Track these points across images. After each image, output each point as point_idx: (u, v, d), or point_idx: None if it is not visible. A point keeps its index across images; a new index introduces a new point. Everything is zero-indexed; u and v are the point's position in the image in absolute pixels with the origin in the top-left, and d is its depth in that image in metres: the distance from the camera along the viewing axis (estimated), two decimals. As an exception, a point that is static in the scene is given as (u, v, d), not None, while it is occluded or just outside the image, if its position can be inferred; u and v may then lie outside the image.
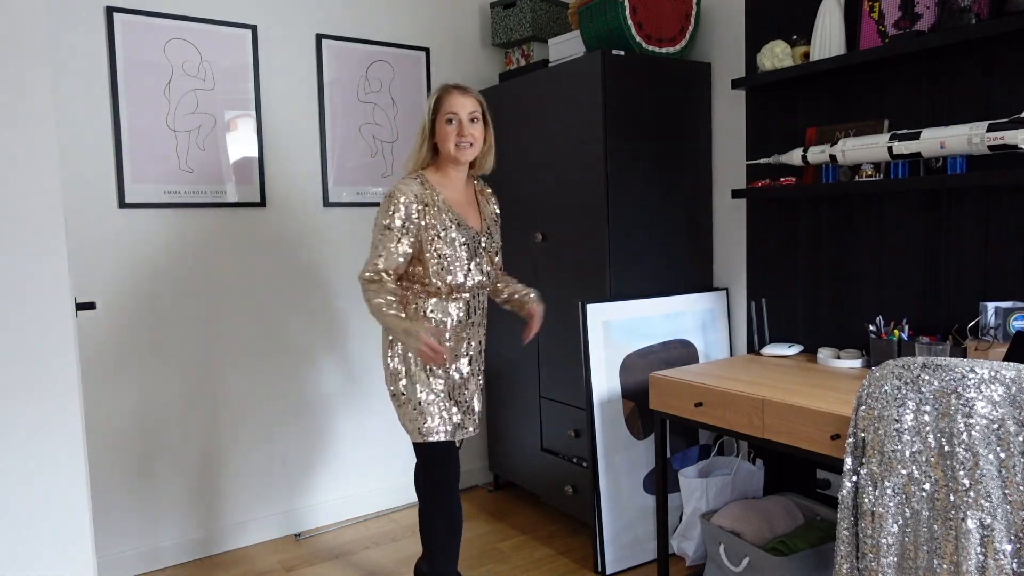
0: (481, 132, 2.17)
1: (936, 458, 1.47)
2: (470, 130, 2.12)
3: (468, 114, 2.12)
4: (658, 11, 2.61)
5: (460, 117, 2.12)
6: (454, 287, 2.12)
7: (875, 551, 1.54)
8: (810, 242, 2.47)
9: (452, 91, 2.15)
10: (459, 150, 2.12)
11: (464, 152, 2.13)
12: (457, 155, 2.13)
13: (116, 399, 2.62)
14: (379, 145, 3.13)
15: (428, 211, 2.10)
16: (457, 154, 2.12)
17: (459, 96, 2.14)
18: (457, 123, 2.12)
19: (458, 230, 2.13)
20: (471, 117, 2.13)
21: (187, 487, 2.77)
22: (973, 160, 1.98)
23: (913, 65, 2.16)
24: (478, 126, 2.15)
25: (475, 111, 2.14)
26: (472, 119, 2.13)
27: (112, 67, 2.54)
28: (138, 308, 2.65)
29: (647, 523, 2.61)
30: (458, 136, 2.12)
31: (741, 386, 2.07)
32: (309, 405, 3.01)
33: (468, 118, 2.12)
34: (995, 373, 1.41)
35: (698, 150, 2.78)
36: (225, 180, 2.78)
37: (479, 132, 2.15)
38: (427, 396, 2.13)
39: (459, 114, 2.12)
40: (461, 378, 2.19)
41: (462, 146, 2.12)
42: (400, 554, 2.79)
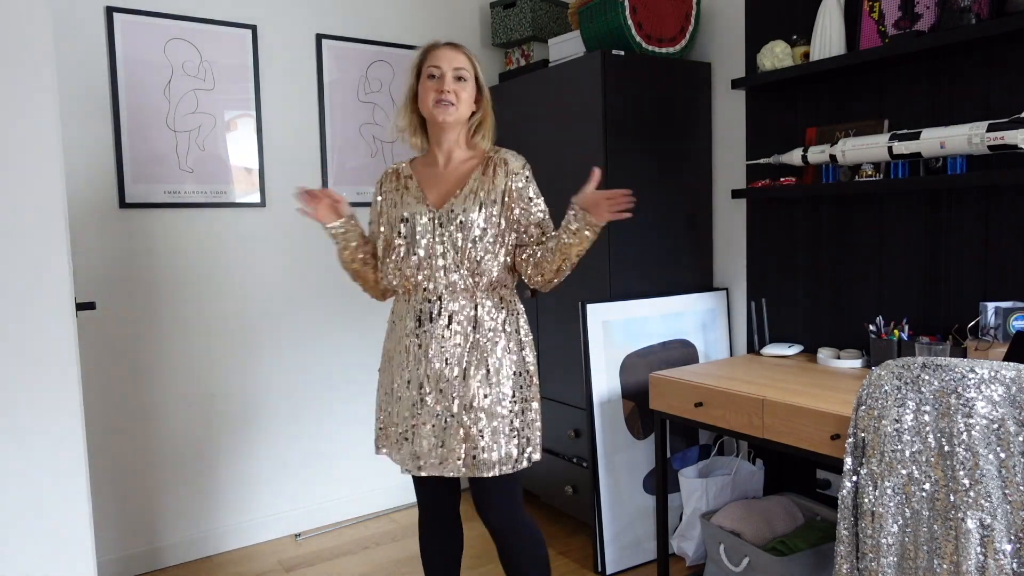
0: (470, 93, 1.83)
1: (936, 458, 1.47)
2: (453, 87, 1.79)
3: (454, 69, 1.80)
4: (658, 11, 2.61)
5: (443, 71, 1.79)
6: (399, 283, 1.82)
7: (875, 551, 1.54)
8: (810, 242, 2.47)
9: (439, 45, 1.84)
10: (438, 107, 1.78)
11: (445, 110, 1.78)
12: (435, 113, 1.79)
13: (116, 399, 2.62)
14: (379, 145, 3.13)
15: (386, 193, 1.88)
16: (435, 111, 1.79)
17: (446, 50, 1.83)
18: (439, 78, 1.80)
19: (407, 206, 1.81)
20: (457, 74, 1.80)
21: (187, 487, 2.77)
22: (973, 160, 1.98)
23: (913, 65, 2.16)
24: (466, 86, 1.82)
25: (463, 67, 1.81)
26: (458, 76, 1.81)
27: (112, 67, 2.54)
28: (138, 308, 2.65)
29: (647, 523, 2.61)
30: (438, 92, 1.78)
31: (741, 386, 2.07)
32: (309, 405, 3.01)
33: (453, 74, 1.80)
34: (995, 373, 1.41)
35: (698, 150, 2.78)
36: (225, 180, 2.78)
37: (467, 93, 1.82)
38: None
39: (442, 67, 1.80)
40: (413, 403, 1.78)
41: (443, 103, 1.78)
42: (400, 554, 2.79)
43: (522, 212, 1.80)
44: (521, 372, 1.81)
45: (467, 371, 1.75)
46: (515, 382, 1.79)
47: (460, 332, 1.76)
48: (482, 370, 1.75)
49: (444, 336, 1.76)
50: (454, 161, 1.86)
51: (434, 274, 1.76)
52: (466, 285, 1.76)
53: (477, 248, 1.75)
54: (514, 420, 1.77)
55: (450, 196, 1.80)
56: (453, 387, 1.75)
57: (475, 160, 1.86)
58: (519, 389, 1.79)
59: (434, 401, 1.75)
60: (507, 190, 1.80)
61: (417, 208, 1.79)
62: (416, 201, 1.81)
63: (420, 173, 1.89)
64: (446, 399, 1.75)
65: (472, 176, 1.82)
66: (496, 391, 1.75)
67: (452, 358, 1.75)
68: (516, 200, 1.80)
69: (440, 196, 1.81)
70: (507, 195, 1.79)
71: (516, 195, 1.80)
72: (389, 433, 1.85)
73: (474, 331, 1.77)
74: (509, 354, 1.79)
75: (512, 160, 1.84)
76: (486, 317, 1.78)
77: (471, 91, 1.83)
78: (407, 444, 1.79)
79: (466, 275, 1.76)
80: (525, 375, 1.82)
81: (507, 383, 1.77)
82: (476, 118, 1.88)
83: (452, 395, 1.75)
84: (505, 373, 1.77)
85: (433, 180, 1.85)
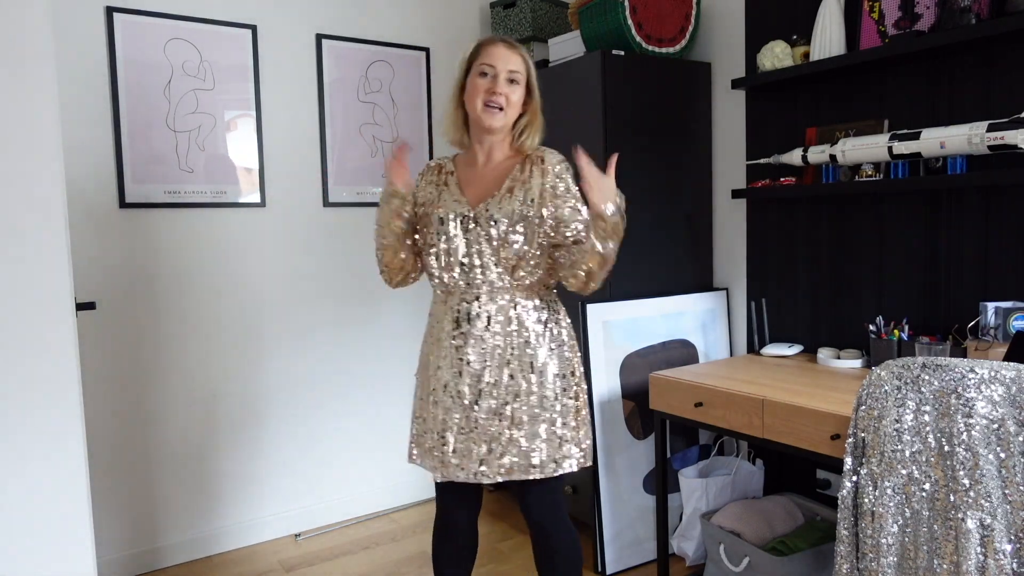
0: (520, 97, 1.74)
1: (936, 458, 1.47)
2: (504, 89, 1.70)
3: (508, 71, 1.71)
4: (658, 11, 2.61)
5: (496, 70, 1.70)
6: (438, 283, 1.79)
7: (875, 551, 1.54)
8: (810, 242, 2.47)
9: (496, 42, 1.73)
10: (486, 111, 1.71)
11: (492, 115, 1.71)
12: (482, 117, 1.71)
13: (116, 399, 2.62)
14: (379, 145, 3.13)
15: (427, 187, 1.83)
16: (483, 115, 1.71)
17: (503, 48, 1.72)
18: (492, 78, 1.71)
19: (446, 206, 1.76)
20: (510, 76, 1.71)
21: (187, 487, 2.77)
22: (973, 160, 1.98)
23: (913, 65, 2.16)
24: (516, 89, 1.73)
25: (518, 71, 1.72)
26: (511, 79, 1.71)
27: (112, 67, 2.54)
28: (138, 308, 2.65)
29: (647, 523, 2.61)
30: (488, 93, 1.70)
31: (741, 386, 2.07)
32: (309, 405, 3.01)
33: (506, 76, 1.71)
34: (995, 373, 1.41)
35: (698, 150, 2.78)
36: (225, 180, 2.78)
37: (515, 96, 1.73)
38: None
39: (496, 66, 1.70)
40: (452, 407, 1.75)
41: (491, 107, 1.70)
42: (400, 554, 2.79)
43: (558, 212, 1.73)
44: (566, 374, 1.76)
45: (508, 373, 1.71)
46: (559, 384, 1.74)
47: (500, 333, 1.72)
48: (524, 372, 1.71)
49: (483, 337, 1.71)
50: (493, 160, 1.81)
51: (471, 274, 1.72)
52: (504, 285, 1.72)
53: (513, 248, 1.70)
54: (557, 422, 1.73)
55: (487, 196, 1.75)
56: (494, 389, 1.71)
57: (514, 159, 1.81)
58: (563, 391, 1.75)
59: (474, 404, 1.71)
60: (543, 189, 1.73)
61: (453, 207, 1.75)
62: (454, 200, 1.77)
63: (461, 171, 1.84)
64: (487, 402, 1.71)
65: (509, 175, 1.77)
66: (539, 393, 1.71)
67: (492, 360, 1.71)
68: (552, 199, 1.73)
69: (477, 195, 1.76)
70: (543, 194, 1.73)
71: (551, 194, 1.73)
72: (424, 440, 1.80)
73: (516, 332, 1.72)
74: (552, 355, 1.75)
75: (550, 158, 1.78)
76: (527, 317, 1.73)
77: (521, 95, 1.75)
78: (445, 449, 1.74)
79: (503, 275, 1.71)
80: (570, 377, 1.78)
81: (550, 385, 1.73)
82: (523, 122, 1.79)
83: (493, 398, 1.71)
84: (548, 375, 1.73)
85: (472, 178, 1.80)
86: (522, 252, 1.71)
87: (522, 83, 1.74)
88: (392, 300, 3.18)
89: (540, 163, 1.76)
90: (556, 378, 1.74)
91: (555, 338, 1.77)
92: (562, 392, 1.75)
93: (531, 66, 1.76)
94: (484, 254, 1.71)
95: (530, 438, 1.71)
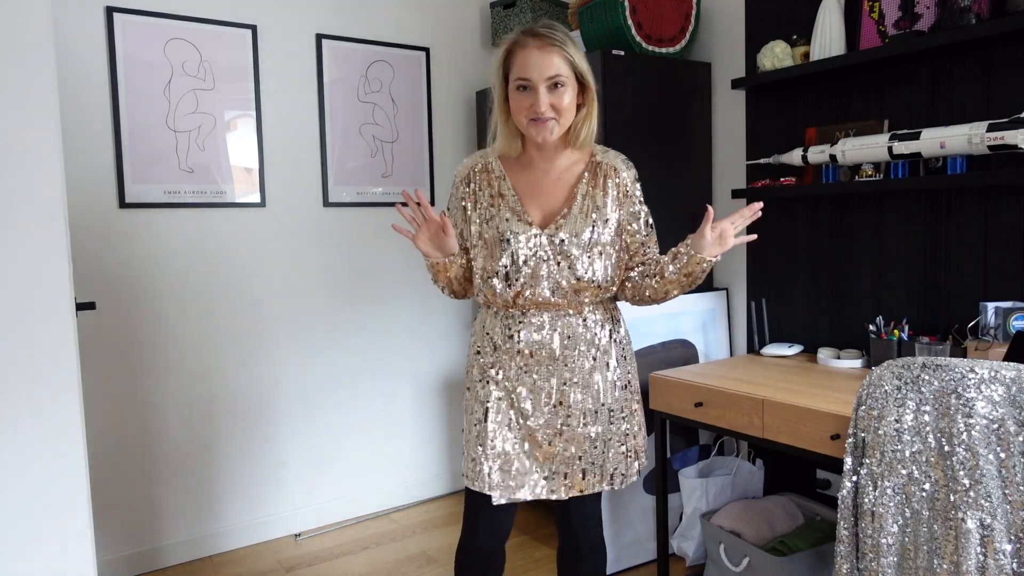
0: (572, 96, 1.55)
1: (936, 458, 1.47)
2: (550, 100, 1.51)
3: (547, 79, 1.51)
4: (658, 11, 2.61)
5: (534, 83, 1.51)
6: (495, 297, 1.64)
7: (875, 551, 1.54)
8: (810, 242, 2.47)
9: (527, 44, 1.53)
10: (534, 126, 1.54)
11: (544, 128, 1.54)
12: (532, 134, 1.56)
13: (116, 399, 2.62)
14: (379, 145, 3.13)
15: (479, 195, 1.65)
16: (532, 132, 1.55)
17: (535, 53, 1.51)
18: (532, 91, 1.52)
19: (506, 223, 1.61)
20: (553, 82, 1.52)
21: (187, 487, 2.77)
22: (973, 160, 1.98)
23: (913, 65, 2.16)
24: (566, 92, 1.53)
25: (558, 75, 1.51)
26: (555, 84, 1.52)
27: (112, 67, 2.54)
28: (138, 308, 2.65)
29: (647, 523, 2.61)
30: (531, 110, 1.53)
31: (741, 386, 2.07)
32: (309, 404, 3.01)
33: (548, 84, 1.51)
34: (995, 373, 1.41)
35: (698, 150, 2.78)
36: (225, 180, 2.78)
37: (565, 101, 1.53)
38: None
39: (532, 79, 1.51)
40: (512, 424, 1.66)
41: (539, 122, 1.53)
42: (400, 554, 2.79)
43: (629, 228, 1.64)
44: (626, 384, 1.71)
45: (573, 387, 1.63)
46: (621, 396, 1.68)
47: (566, 346, 1.63)
48: (588, 386, 1.64)
49: (545, 352, 1.62)
50: (557, 168, 1.64)
51: (537, 291, 1.60)
52: (571, 301, 1.62)
53: (586, 267, 1.59)
54: (622, 434, 1.68)
55: (556, 214, 1.62)
56: (560, 405, 1.63)
57: (580, 165, 1.65)
58: (625, 403, 1.69)
59: (536, 420, 1.63)
60: (618, 203, 1.63)
61: (519, 227, 1.60)
62: (516, 218, 1.61)
63: (515, 176, 1.66)
64: (551, 417, 1.63)
65: (579, 188, 1.62)
66: (605, 408, 1.65)
67: (555, 375, 1.63)
68: (625, 216, 1.63)
69: (545, 212, 1.62)
70: (618, 209, 1.63)
71: (625, 210, 1.63)
72: (484, 458, 1.65)
73: (585, 346, 1.64)
74: (615, 368, 1.68)
75: (622, 169, 1.65)
76: (592, 330, 1.65)
77: (572, 96, 1.56)
78: (507, 468, 1.64)
79: (569, 291, 1.61)
80: (629, 387, 1.72)
81: (611, 398, 1.66)
82: (580, 115, 1.60)
83: (558, 414, 1.63)
84: (610, 388, 1.66)
85: (533, 188, 1.63)
86: (593, 270, 1.61)
87: (570, 83, 1.55)
88: (392, 300, 3.18)
89: (614, 173, 1.64)
90: (620, 389, 1.69)
91: (617, 349, 1.70)
92: (624, 403, 1.70)
93: (576, 58, 1.55)
94: (553, 275, 1.59)
95: (600, 452, 1.66)
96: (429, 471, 3.33)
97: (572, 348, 1.63)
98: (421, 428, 3.30)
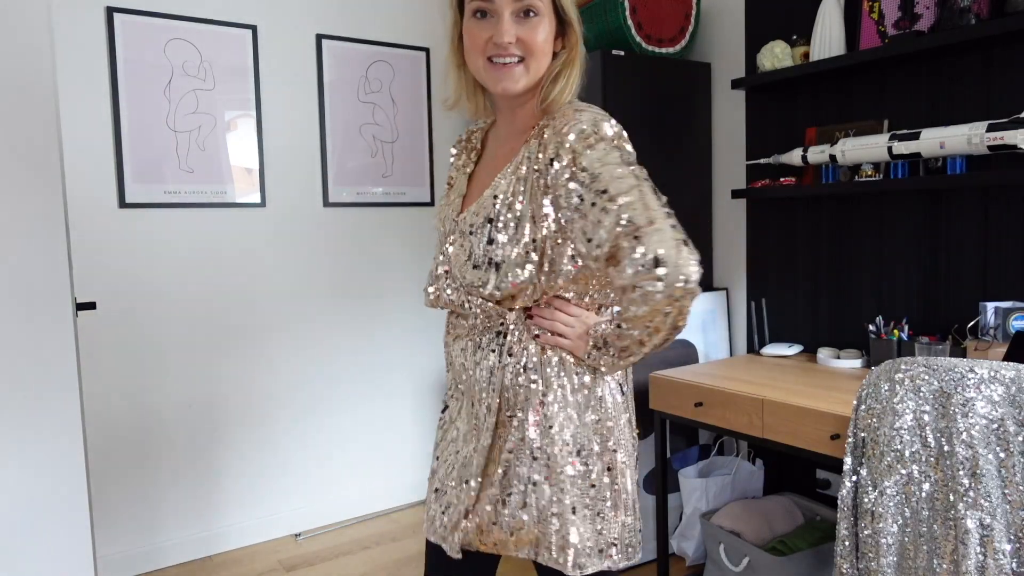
0: (545, 37, 1.16)
1: (936, 458, 1.47)
2: (517, 32, 1.13)
3: (517, 2, 1.13)
4: (658, 11, 2.61)
5: (497, 6, 1.13)
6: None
7: (875, 551, 1.54)
8: (810, 242, 2.47)
9: None
10: (492, 70, 1.16)
11: (504, 74, 1.15)
12: (487, 80, 1.18)
13: (116, 399, 2.62)
14: (379, 145, 3.13)
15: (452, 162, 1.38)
16: (487, 77, 1.18)
17: None
18: (491, 20, 1.15)
19: (441, 210, 1.32)
20: (522, 8, 1.13)
21: (187, 487, 2.77)
22: (973, 160, 1.98)
23: (913, 65, 2.16)
24: (539, 26, 1.15)
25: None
26: (527, 10, 1.14)
27: (112, 67, 2.54)
28: (138, 308, 2.65)
29: (647, 523, 2.61)
30: (491, 44, 1.15)
31: (741, 386, 2.07)
32: (309, 404, 3.01)
33: (516, 9, 1.13)
34: (995, 373, 1.41)
35: (698, 150, 2.78)
36: (225, 180, 2.78)
37: (538, 37, 1.15)
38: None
39: (494, 1, 1.13)
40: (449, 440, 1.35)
41: (498, 62, 1.15)
42: (400, 554, 2.79)
43: (561, 215, 1.13)
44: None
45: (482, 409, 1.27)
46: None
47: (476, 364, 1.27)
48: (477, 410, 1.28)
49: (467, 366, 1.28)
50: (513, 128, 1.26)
51: (437, 289, 1.28)
52: (455, 305, 1.26)
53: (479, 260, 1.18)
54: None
55: (483, 184, 1.26)
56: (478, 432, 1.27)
57: (529, 122, 1.23)
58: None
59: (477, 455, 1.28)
60: (522, 174, 1.17)
61: (445, 212, 1.31)
62: (453, 199, 1.32)
63: (488, 146, 1.34)
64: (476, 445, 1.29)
65: (512, 161, 1.21)
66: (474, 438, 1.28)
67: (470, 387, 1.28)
68: (554, 196, 1.13)
69: (478, 190, 1.27)
70: (534, 187, 1.14)
71: (552, 186, 1.13)
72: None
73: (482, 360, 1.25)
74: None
75: (564, 126, 1.14)
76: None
77: (549, 30, 1.17)
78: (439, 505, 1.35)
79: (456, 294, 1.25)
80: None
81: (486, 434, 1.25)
82: (556, 65, 1.20)
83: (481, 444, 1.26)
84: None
85: (487, 164, 1.30)
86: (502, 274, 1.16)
87: (546, 14, 1.16)
88: (392, 300, 3.18)
89: (543, 132, 1.16)
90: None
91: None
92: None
93: None
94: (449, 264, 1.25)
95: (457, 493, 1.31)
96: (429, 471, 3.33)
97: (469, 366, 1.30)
98: (421, 428, 3.30)
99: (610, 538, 1.21)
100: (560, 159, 1.12)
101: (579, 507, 1.19)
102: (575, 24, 1.20)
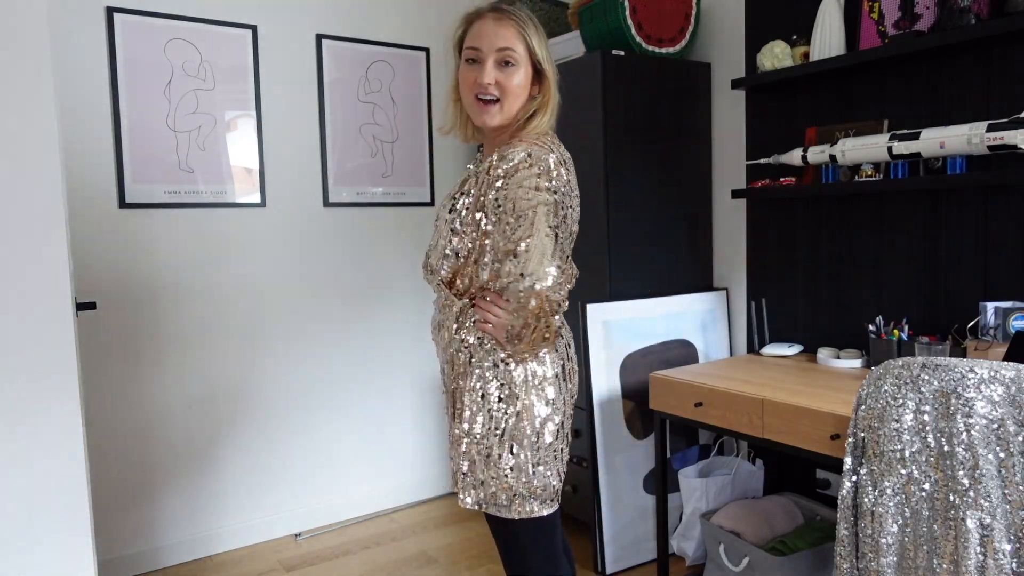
0: (524, 80, 1.42)
1: (936, 458, 1.47)
2: (496, 76, 1.38)
3: (497, 51, 1.38)
4: (658, 11, 2.61)
5: (483, 54, 1.39)
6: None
7: (875, 551, 1.54)
8: (810, 242, 2.47)
9: (484, 16, 1.41)
10: (476, 106, 1.42)
11: (485, 110, 1.41)
12: (472, 114, 1.45)
13: (116, 399, 2.62)
14: (379, 145, 3.13)
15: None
16: (472, 112, 1.44)
17: (490, 24, 1.39)
18: (479, 65, 1.40)
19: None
20: (502, 58, 1.39)
21: (187, 487, 2.77)
22: (973, 160, 1.98)
23: (913, 65, 2.16)
24: (515, 73, 1.40)
25: (511, 48, 1.39)
26: (506, 60, 1.39)
27: (112, 67, 2.54)
28: (138, 308, 2.65)
29: (647, 523, 2.61)
30: (476, 85, 1.40)
31: (741, 386, 2.07)
32: (309, 404, 3.01)
33: (497, 58, 1.39)
34: (995, 373, 1.41)
35: (698, 150, 2.78)
36: (225, 180, 2.78)
37: (513, 81, 1.40)
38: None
39: (482, 49, 1.39)
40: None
41: (482, 99, 1.41)
42: (400, 554, 2.79)
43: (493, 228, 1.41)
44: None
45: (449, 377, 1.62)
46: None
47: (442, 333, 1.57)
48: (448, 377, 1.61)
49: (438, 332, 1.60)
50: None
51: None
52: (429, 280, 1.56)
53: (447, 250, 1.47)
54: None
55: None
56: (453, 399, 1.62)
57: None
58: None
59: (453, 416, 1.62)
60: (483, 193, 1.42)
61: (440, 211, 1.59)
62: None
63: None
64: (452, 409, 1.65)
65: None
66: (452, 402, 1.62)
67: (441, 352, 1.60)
68: (490, 211, 1.40)
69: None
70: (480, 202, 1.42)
71: (491, 204, 1.40)
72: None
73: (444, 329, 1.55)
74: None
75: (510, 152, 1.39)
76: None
77: (523, 78, 1.42)
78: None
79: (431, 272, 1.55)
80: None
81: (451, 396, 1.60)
82: (533, 106, 1.46)
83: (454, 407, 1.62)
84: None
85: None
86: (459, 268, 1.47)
87: (521, 62, 1.41)
88: (392, 300, 3.18)
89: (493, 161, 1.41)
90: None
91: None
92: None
93: (532, 38, 1.42)
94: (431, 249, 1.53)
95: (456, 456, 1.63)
96: (429, 471, 3.33)
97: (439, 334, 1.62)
98: (421, 428, 3.30)
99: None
100: (495, 179, 1.40)
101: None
102: (550, 75, 1.49)
